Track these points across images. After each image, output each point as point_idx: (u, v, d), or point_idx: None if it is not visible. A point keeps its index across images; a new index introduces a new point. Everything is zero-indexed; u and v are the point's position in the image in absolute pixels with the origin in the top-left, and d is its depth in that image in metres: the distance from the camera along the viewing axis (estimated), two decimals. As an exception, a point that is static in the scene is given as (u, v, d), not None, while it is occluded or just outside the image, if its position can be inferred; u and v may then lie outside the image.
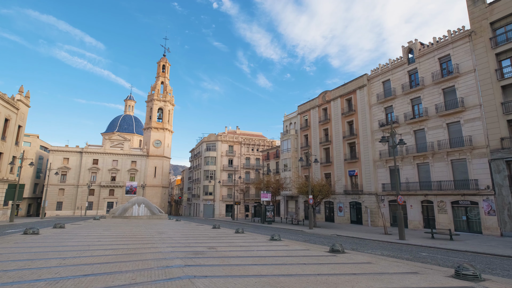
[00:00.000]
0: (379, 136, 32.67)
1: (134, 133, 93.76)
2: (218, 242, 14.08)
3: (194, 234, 18.02)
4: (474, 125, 24.32)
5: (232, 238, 15.81)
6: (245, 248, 11.97)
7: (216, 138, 64.39)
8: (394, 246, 15.96)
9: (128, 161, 71.89)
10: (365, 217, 32.86)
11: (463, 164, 24.78)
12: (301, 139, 46.14)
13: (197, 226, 25.95)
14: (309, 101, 45.69)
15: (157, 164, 74.75)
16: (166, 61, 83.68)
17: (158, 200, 72.79)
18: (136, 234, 17.48)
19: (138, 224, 26.97)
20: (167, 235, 17.22)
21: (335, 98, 39.83)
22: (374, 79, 34.53)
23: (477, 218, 23.47)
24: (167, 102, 79.51)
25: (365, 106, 34.88)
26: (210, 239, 15.15)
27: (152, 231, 19.42)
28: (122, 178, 70.24)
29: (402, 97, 30.72)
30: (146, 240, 14.15)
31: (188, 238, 15.55)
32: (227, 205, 62.10)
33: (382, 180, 31.73)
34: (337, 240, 18.89)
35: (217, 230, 21.83)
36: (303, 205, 43.86)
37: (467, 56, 25.45)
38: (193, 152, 78.03)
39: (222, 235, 17.48)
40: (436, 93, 27.49)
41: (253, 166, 65.76)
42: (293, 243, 14.71)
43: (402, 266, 8.96)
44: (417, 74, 29.79)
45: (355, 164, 35.38)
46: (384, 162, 31.59)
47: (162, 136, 76.79)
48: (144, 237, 15.54)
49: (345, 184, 36.16)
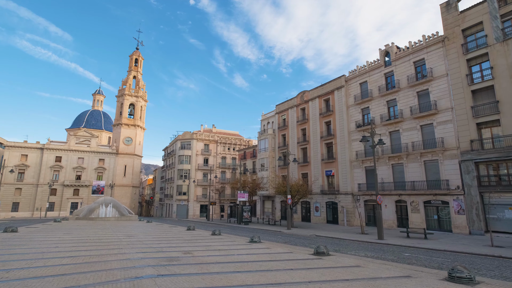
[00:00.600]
0: (356, 136, 33.08)
1: (102, 129, 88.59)
2: (194, 245, 13.01)
3: (167, 237, 16.73)
4: (446, 127, 25.19)
5: (209, 241, 14.78)
6: (225, 252, 11.04)
7: (191, 136, 62.41)
8: (375, 246, 15.81)
9: (96, 159, 67.62)
10: (341, 217, 33.09)
11: (435, 165, 25.59)
12: (278, 138, 45.82)
13: (170, 228, 24.49)
14: (287, 101, 45.50)
15: (127, 163, 71.08)
16: (139, 55, 79.96)
17: (128, 201, 69.20)
18: (101, 237, 15.86)
19: (105, 226, 24.94)
20: (137, 238, 15.79)
21: (313, 98, 39.92)
22: (352, 81, 34.96)
23: (448, 217, 24.30)
24: (140, 97, 75.94)
25: (343, 107, 35.21)
26: (185, 243, 14.01)
27: (120, 234, 17.82)
28: (88, 177, 65.89)
29: (379, 99, 31.30)
30: (113, 245, 12.72)
31: (161, 242, 14.29)
32: (201, 206, 60.37)
33: (358, 180, 32.12)
34: (316, 241, 18.49)
35: (192, 232, 20.62)
36: (279, 205, 43.52)
37: (440, 60, 26.35)
38: (167, 151, 75.21)
39: (198, 238, 16.37)
40: (411, 96, 28.24)
41: (229, 166, 64.57)
42: (274, 245, 14.01)
43: (392, 270, 8.52)
44: (393, 76, 30.47)
45: (332, 164, 35.59)
46: (360, 163, 32.00)
47: (133, 133, 73.15)
48: (110, 241, 14.04)
49: (322, 184, 36.27)
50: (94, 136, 69.54)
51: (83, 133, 68.38)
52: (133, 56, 79.37)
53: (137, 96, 75.57)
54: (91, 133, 69.86)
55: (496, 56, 22.70)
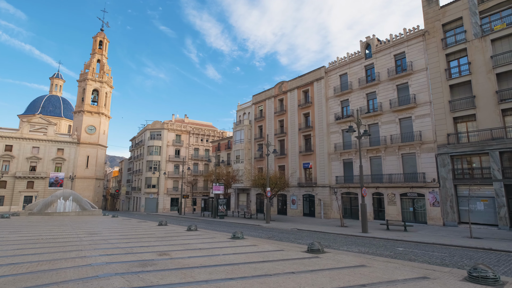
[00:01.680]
0: (335, 129, 32.75)
1: (62, 116, 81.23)
2: (170, 244, 11.33)
3: (137, 234, 14.78)
4: (424, 121, 25.47)
5: (186, 238, 13.14)
6: (207, 252, 9.54)
7: (161, 126, 58.98)
8: (364, 240, 15.17)
9: (53, 149, 61.60)
10: (318, 210, 32.80)
11: (413, 158, 25.88)
12: (255, 130, 44.52)
13: (139, 223, 22.30)
14: (264, 91, 44.21)
15: (90, 153, 65.75)
16: (104, 37, 73.75)
17: (91, 194, 64.25)
18: (57, 236, 13.53)
19: (63, 223, 22.10)
20: (101, 236, 13.68)
21: (292, 89, 39.01)
22: (332, 72, 34.47)
23: (423, 209, 24.73)
24: (104, 83, 70.24)
25: (322, 98, 34.68)
26: (158, 241, 12.26)
27: (80, 232, 15.50)
28: (45, 168, 59.90)
29: (358, 91, 31.09)
30: (71, 245, 10.64)
31: (130, 240, 12.38)
32: (172, 199, 57.62)
33: (336, 173, 31.91)
34: (300, 235, 17.57)
35: (165, 227, 18.74)
36: (255, 198, 42.48)
37: (420, 54, 26.50)
38: (134, 141, 70.75)
39: (173, 234, 14.64)
40: (391, 89, 28.26)
41: (202, 158, 62.22)
42: (259, 241, 12.74)
43: (402, 269, 7.61)
44: (373, 69, 30.34)
45: (310, 157, 35.09)
46: (339, 155, 31.77)
47: (97, 121, 67.67)
48: (68, 241, 11.88)
49: (299, 176, 35.70)
50: (52, 123, 63.25)
51: (39, 120, 61.82)
52: (97, 38, 72.97)
53: (101, 81, 69.81)
54: (48, 120, 63.44)
55: (474, 51, 23.10)
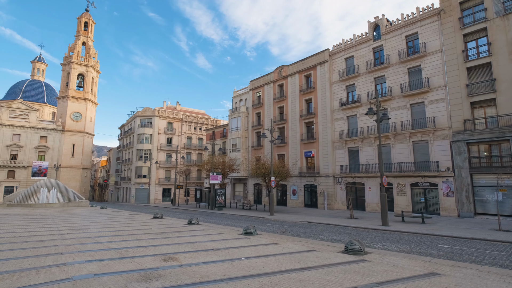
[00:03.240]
0: (340, 115, 30.97)
1: (45, 103, 76.68)
2: (173, 243, 9.33)
3: (131, 230, 12.69)
4: (438, 106, 23.92)
5: (190, 235, 11.16)
6: (224, 255, 7.60)
7: (152, 113, 55.99)
8: (392, 235, 13.51)
9: (36, 136, 57.85)
10: (320, 200, 31.28)
11: (425, 146, 24.42)
12: (252, 117, 42.35)
13: (131, 216, 20.14)
14: (262, 76, 41.87)
15: (76, 141, 62.25)
16: (90, 18, 69.10)
17: (77, 184, 61.13)
18: (34, 233, 11.31)
19: (45, 215, 19.73)
20: (88, 233, 11.55)
21: (293, 73, 36.85)
22: (337, 55, 32.44)
23: (436, 199, 23.44)
24: (90, 67, 66.14)
25: (326, 83, 32.71)
26: (158, 239, 10.24)
27: (63, 227, 13.30)
28: (27, 157, 56.27)
29: (366, 75, 29.25)
30: (48, 247, 8.49)
31: (123, 238, 10.30)
32: (164, 189, 55.27)
33: (340, 161, 30.31)
34: (316, 228, 15.85)
35: (161, 221, 16.69)
36: (252, 189, 40.71)
37: (435, 35, 24.73)
38: (123, 129, 67.45)
39: (173, 229, 12.63)
40: (401, 72, 26.53)
41: (195, 147, 59.77)
42: (278, 238, 10.89)
43: (496, 280, 5.87)
44: (382, 51, 28.47)
45: (312, 145, 33.33)
46: (344, 143, 30.10)
47: (83, 108, 63.91)
48: (46, 240, 9.71)
49: (300, 166, 33.98)
50: (34, 109, 59.23)
51: (20, 105, 57.72)
52: (82, 19, 68.24)
53: (87, 65, 65.67)
54: (30, 106, 59.39)
55: (495, 31, 21.45)
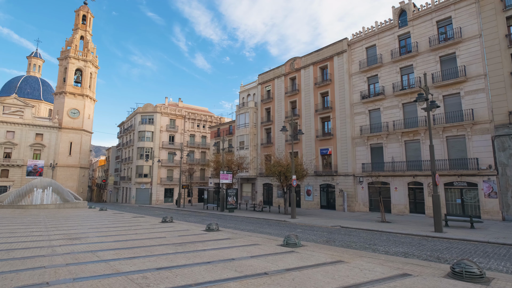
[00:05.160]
0: (361, 109, 28.57)
1: (41, 99, 73.91)
2: (203, 261, 6.81)
3: (141, 239, 10.16)
4: (476, 97, 21.55)
5: (218, 247, 8.66)
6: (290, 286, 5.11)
7: (154, 109, 53.41)
8: (464, 246, 11.08)
9: (31, 134, 55.11)
10: (339, 201, 28.86)
11: (461, 142, 22.05)
12: (261, 112, 39.89)
13: (136, 220, 17.61)
14: (273, 69, 39.44)
15: (74, 139, 59.53)
16: (88, 11, 66.43)
17: (75, 184, 58.41)
18: (17, 245, 8.76)
19: (37, 219, 17.17)
20: (86, 244, 9.02)
21: (307, 65, 34.42)
22: (356, 45, 30.04)
23: (475, 201, 21.06)
24: (89, 62, 63.46)
25: (344, 75, 30.31)
26: (180, 253, 7.71)
27: (56, 235, 10.77)
28: (21, 155, 53.52)
29: (390, 65, 26.87)
30: (30, 270, 5.93)
31: (135, 253, 7.77)
32: (166, 189, 52.67)
33: (361, 159, 27.89)
34: (360, 235, 13.40)
35: (173, 226, 14.17)
36: (261, 189, 38.22)
37: (472, 19, 22.38)
38: (123, 126, 64.78)
39: (192, 239, 10.12)
40: (432, 61, 24.16)
41: (198, 145, 57.21)
42: (334, 252, 8.42)
43: None
44: (409, 39, 26.11)
45: (328, 142, 30.91)
46: (365, 139, 27.69)
47: (81, 104, 61.20)
48: (31, 255, 7.16)
49: (315, 164, 31.54)
50: (29, 105, 56.49)
51: (14, 101, 54.95)
52: (80, 12, 65.59)
53: (85, 60, 62.99)
54: (25, 102, 56.66)
55: (545, 12, 19.14)
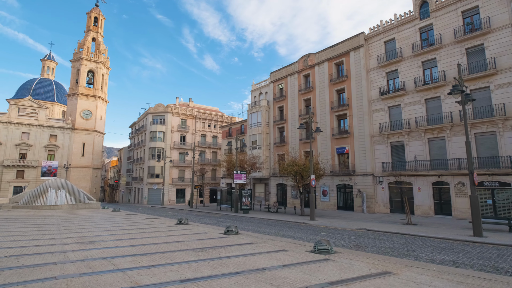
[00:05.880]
0: (379, 106, 27.37)
1: (55, 101, 75.08)
2: (230, 272, 6.01)
3: (158, 244, 9.46)
4: (508, 91, 20.14)
5: (242, 253, 7.87)
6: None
7: (165, 109, 53.24)
8: (509, 251, 10.00)
9: (46, 135, 55.82)
10: (357, 202, 27.72)
11: (491, 138, 20.66)
12: (274, 111, 39.01)
13: (150, 221, 17.03)
14: (285, 67, 38.51)
15: (87, 140, 60.04)
16: (100, 13, 66.97)
17: (88, 185, 58.87)
18: (28, 249, 8.18)
19: (50, 220, 16.79)
20: (101, 249, 8.37)
21: (321, 62, 33.36)
22: (374, 39, 28.84)
23: (508, 202, 19.65)
24: (100, 63, 63.94)
25: (361, 71, 29.14)
26: (203, 261, 6.94)
27: (69, 238, 10.20)
28: (36, 156, 54.26)
29: (411, 59, 25.59)
30: (40, 281, 5.27)
31: (153, 261, 7.04)
32: (177, 190, 52.42)
33: (381, 158, 26.69)
34: (385, 239, 12.40)
35: (189, 228, 13.47)
36: (275, 189, 37.35)
37: (501, 7, 20.95)
38: (135, 127, 65.01)
39: (213, 243, 9.36)
40: (458, 54, 22.80)
41: (209, 145, 56.77)
42: (375, 260, 7.50)
43: None
44: (431, 31, 24.79)
45: (345, 140, 29.79)
46: (385, 137, 26.48)
47: (93, 105, 61.70)
48: (41, 262, 6.52)
49: (331, 163, 30.47)
50: (43, 107, 57.25)
51: (29, 103, 55.79)
52: (91, 14, 66.20)
53: (97, 61, 63.49)
54: (39, 104, 57.46)
55: None
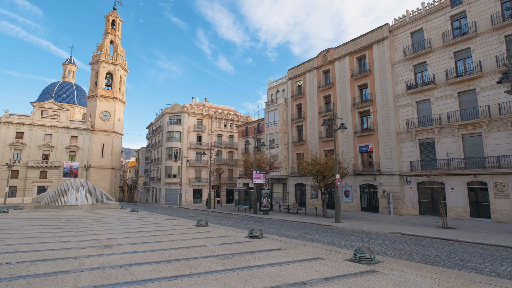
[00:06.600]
0: (406, 101, 25.74)
1: (75, 104, 77.11)
2: (265, 285, 5.13)
3: (179, 248, 8.72)
4: (556, 81, 18.18)
5: (273, 262, 6.97)
6: None
7: (181, 109, 53.21)
8: None
9: (67, 136, 57.16)
10: (382, 203, 26.21)
11: (537, 134, 18.77)
12: (292, 109, 37.90)
13: (169, 222, 16.46)
14: (303, 63, 37.33)
15: (106, 141, 61.08)
16: (117, 16, 68.07)
17: (107, 185, 59.84)
18: (42, 254, 7.64)
19: (69, 221, 16.54)
20: (118, 254, 7.71)
21: (342, 56, 31.98)
22: (399, 30, 27.22)
23: (558, 204, 17.75)
24: (118, 65, 64.93)
25: (385, 64, 27.59)
26: (230, 271, 6.10)
27: (86, 241, 9.66)
28: (58, 157, 55.63)
29: (442, 50, 23.86)
30: None
31: (175, 270, 6.27)
32: (194, 190, 52.23)
33: (409, 157, 25.07)
34: (428, 246, 11.16)
35: (209, 230, 12.71)
36: (293, 189, 36.24)
37: (547, -11, 19.02)
38: (152, 127, 65.57)
39: (237, 248, 8.52)
40: (495, 42, 20.95)
41: (225, 145, 56.28)
42: (433, 274, 6.41)
43: None
44: (464, 19, 22.99)
45: (369, 138, 28.31)
46: (413, 134, 24.84)
47: (111, 107, 62.72)
48: (54, 271, 5.89)
49: (354, 163, 29.06)
50: (64, 109, 58.65)
51: (51, 105, 57.31)
52: (109, 17, 67.36)
53: (115, 63, 64.52)
54: (61, 106, 58.93)
55: None
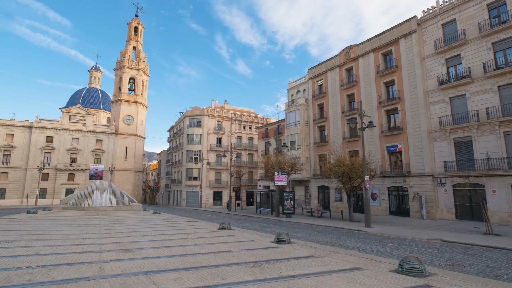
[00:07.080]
0: (438, 97, 24.09)
1: (100, 109, 79.93)
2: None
3: (203, 254, 8.17)
4: None
5: (308, 272, 6.23)
6: None
7: (201, 112, 53.53)
8: None
9: (93, 140, 59.19)
10: (414, 207, 24.59)
11: None
12: (313, 109, 36.87)
13: (191, 225, 16.10)
14: (325, 62, 36.25)
15: (129, 144, 62.67)
16: (139, 23, 70.01)
17: (130, 187, 61.26)
18: (63, 257, 7.36)
19: (93, 222, 16.61)
20: (140, 259, 7.29)
21: (366, 53, 30.66)
22: (429, 22, 25.64)
23: None
24: (140, 70, 66.62)
25: (414, 59, 26.05)
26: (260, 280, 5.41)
27: (108, 244, 9.38)
28: (84, 160, 57.68)
29: (478, 41, 22.11)
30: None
31: (200, 276, 5.69)
32: (215, 192, 52.19)
33: (442, 157, 23.38)
34: (478, 255, 9.97)
35: (233, 234, 12.14)
36: (316, 192, 35.11)
37: None
38: (173, 130, 66.57)
39: (265, 254, 7.85)
40: (542, 30, 19.08)
41: (245, 147, 55.93)
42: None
43: None
44: (503, 6, 21.18)
45: (397, 137, 26.80)
46: (447, 133, 23.15)
47: (134, 111, 64.36)
48: (73, 277, 5.51)
49: (381, 164, 27.60)
50: (90, 113, 60.83)
51: (78, 110, 59.65)
52: (132, 24, 69.46)
53: (137, 69, 66.26)
54: (87, 111, 61.18)
55: None
